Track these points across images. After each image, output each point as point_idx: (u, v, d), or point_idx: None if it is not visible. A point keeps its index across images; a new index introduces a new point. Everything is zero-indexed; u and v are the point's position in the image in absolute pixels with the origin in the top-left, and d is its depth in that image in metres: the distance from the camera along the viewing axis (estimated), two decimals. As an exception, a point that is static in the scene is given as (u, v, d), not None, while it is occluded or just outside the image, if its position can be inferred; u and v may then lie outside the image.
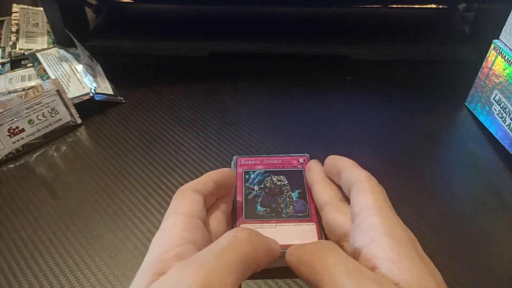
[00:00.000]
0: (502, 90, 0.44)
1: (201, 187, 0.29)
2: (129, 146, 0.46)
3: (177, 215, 0.26)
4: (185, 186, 0.29)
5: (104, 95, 0.50)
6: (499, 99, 0.45)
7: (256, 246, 0.23)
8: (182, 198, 0.27)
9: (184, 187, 0.29)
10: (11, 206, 0.40)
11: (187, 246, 0.23)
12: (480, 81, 0.48)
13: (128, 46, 0.60)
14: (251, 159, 0.39)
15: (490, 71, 0.46)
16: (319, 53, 0.59)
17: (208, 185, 0.29)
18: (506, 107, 0.44)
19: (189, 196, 0.27)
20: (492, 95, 0.46)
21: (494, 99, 0.46)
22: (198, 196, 0.28)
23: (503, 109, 0.44)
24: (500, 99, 0.45)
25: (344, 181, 0.29)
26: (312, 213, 0.34)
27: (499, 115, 0.45)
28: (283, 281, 0.33)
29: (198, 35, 0.61)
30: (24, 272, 0.34)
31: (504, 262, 0.35)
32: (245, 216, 0.34)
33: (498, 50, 0.44)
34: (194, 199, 0.27)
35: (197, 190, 0.28)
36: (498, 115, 0.45)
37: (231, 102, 0.52)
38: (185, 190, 0.28)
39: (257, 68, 0.58)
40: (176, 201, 0.27)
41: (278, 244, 0.27)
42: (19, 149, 0.45)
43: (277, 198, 0.36)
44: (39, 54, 0.54)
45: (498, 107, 0.45)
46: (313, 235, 0.33)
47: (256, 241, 0.24)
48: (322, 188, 0.32)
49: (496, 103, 0.45)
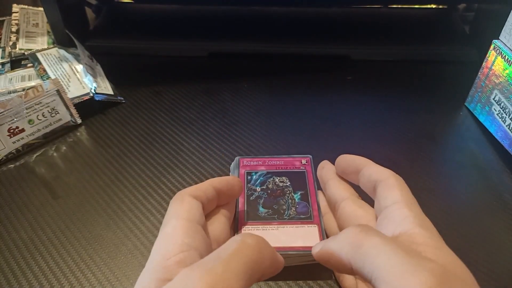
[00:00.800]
0: (502, 90, 0.44)
1: (199, 193, 0.28)
2: (129, 146, 0.46)
3: (177, 220, 0.25)
4: (183, 190, 0.28)
5: (104, 95, 0.50)
6: (499, 99, 0.45)
7: (263, 254, 0.23)
8: (180, 203, 0.27)
9: (182, 191, 0.28)
10: (11, 206, 0.40)
11: (190, 253, 0.23)
12: (480, 81, 0.48)
13: (128, 46, 0.60)
14: (254, 160, 0.39)
15: (490, 71, 0.46)
16: (319, 53, 0.59)
17: (207, 192, 0.29)
18: (506, 107, 0.44)
19: (187, 201, 0.27)
20: (492, 95, 0.46)
21: (494, 99, 0.46)
22: (196, 202, 0.27)
23: (503, 109, 0.44)
24: (500, 99, 0.45)
25: (366, 178, 0.30)
26: (314, 215, 0.34)
27: (499, 115, 0.45)
28: (284, 282, 0.33)
29: (198, 35, 0.61)
30: (24, 272, 0.34)
31: (503, 262, 0.35)
32: (246, 217, 0.34)
33: (498, 50, 0.44)
34: (192, 204, 0.27)
35: (195, 195, 0.28)
36: (498, 115, 0.45)
37: (231, 102, 0.52)
38: (183, 195, 0.28)
39: (257, 68, 0.58)
40: (174, 205, 0.27)
41: (282, 257, 0.26)
42: (19, 149, 0.45)
43: (279, 199, 0.35)
44: (39, 54, 0.54)
45: (498, 107, 0.45)
46: (315, 237, 0.33)
47: (264, 249, 0.23)
48: (339, 184, 0.33)
49: (496, 103, 0.45)
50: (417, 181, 0.42)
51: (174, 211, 0.27)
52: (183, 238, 0.24)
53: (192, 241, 0.24)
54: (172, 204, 0.27)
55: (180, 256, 0.23)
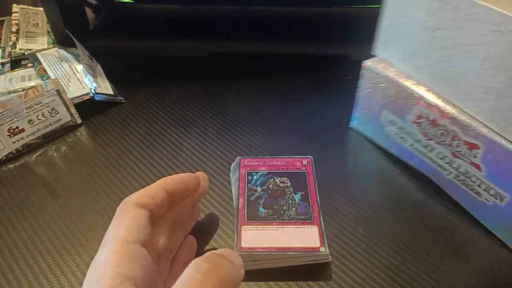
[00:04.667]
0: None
1: (147, 200, 0.27)
2: (129, 146, 0.46)
3: (113, 243, 0.24)
4: (128, 198, 0.27)
5: (104, 95, 0.50)
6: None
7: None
8: (122, 216, 0.26)
9: (128, 200, 0.27)
10: (11, 206, 0.40)
11: (122, 286, 0.22)
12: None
13: (128, 46, 0.60)
14: (254, 160, 0.39)
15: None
16: (319, 53, 0.59)
17: (156, 197, 0.27)
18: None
19: (130, 214, 0.26)
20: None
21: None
22: (140, 212, 0.26)
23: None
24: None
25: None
26: (315, 216, 0.34)
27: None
28: (284, 282, 0.33)
29: (198, 35, 0.61)
30: (24, 272, 0.34)
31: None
32: (246, 217, 0.34)
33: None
34: (135, 217, 0.25)
35: (141, 204, 0.26)
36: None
37: (231, 102, 0.52)
38: (127, 205, 0.26)
39: (257, 68, 0.58)
40: (115, 220, 0.26)
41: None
42: (19, 149, 0.45)
43: (280, 200, 0.36)
44: (39, 54, 0.54)
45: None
46: (315, 238, 0.33)
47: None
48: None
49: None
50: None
51: (114, 229, 0.25)
52: (116, 268, 0.22)
53: (125, 269, 0.23)
54: (115, 217, 0.26)
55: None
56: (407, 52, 0.39)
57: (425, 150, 0.40)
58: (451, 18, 0.33)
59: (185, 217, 0.33)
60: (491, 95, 0.33)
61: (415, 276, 0.34)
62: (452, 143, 0.37)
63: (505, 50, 0.30)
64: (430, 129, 0.38)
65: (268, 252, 0.32)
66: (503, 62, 0.31)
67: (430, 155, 0.40)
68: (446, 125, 0.37)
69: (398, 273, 0.34)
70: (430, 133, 0.38)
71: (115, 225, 0.25)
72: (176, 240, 0.32)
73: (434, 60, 0.36)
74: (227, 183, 0.42)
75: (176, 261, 0.32)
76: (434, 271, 0.34)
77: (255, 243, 0.32)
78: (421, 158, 0.41)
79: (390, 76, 0.40)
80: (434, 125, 0.38)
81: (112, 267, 0.22)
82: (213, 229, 0.37)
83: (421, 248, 0.36)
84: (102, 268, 0.23)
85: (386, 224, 0.38)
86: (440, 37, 0.35)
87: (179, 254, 0.32)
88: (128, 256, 0.23)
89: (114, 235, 0.25)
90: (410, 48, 0.38)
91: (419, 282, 0.33)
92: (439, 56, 0.36)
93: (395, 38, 0.39)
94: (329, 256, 0.33)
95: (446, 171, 0.39)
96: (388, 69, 0.41)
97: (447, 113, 0.36)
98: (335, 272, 0.34)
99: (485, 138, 0.34)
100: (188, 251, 0.33)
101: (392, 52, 0.40)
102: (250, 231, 0.33)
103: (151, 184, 0.28)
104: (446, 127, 0.37)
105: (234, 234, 0.34)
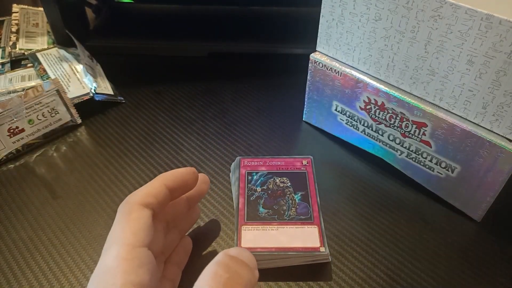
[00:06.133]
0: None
1: (150, 199, 0.26)
2: (129, 146, 0.46)
3: (120, 248, 0.23)
4: (131, 198, 0.26)
5: (104, 95, 0.50)
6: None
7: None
8: (126, 217, 0.25)
9: (131, 200, 0.26)
10: (11, 206, 0.40)
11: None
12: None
13: (128, 46, 0.60)
14: (254, 160, 0.39)
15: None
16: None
17: (159, 195, 0.27)
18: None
19: (134, 216, 0.25)
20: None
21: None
22: (145, 213, 0.25)
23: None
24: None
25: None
26: (315, 216, 0.34)
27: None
28: (284, 282, 0.33)
29: (198, 35, 0.61)
30: (24, 272, 0.34)
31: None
32: (246, 217, 0.34)
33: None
34: (141, 219, 0.25)
35: (145, 203, 0.26)
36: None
37: (231, 102, 0.52)
38: (131, 206, 0.25)
39: (257, 68, 0.58)
40: (119, 221, 0.25)
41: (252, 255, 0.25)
42: (19, 149, 0.45)
43: (280, 200, 0.36)
44: (39, 54, 0.54)
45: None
46: (315, 238, 0.33)
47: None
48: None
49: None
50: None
51: (119, 231, 0.24)
52: (125, 276, 0.22)
53: (136, 277, 0.22)
54: (118, 218, 0.25)
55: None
56: (351, 45, 0.40)
57: (377, 134, 0.42)
58: (391, 8, 0.35)
59: (180, 217, 0.33)
60: (437, 76, 0.35)
61: (415, 276, 0.34)
62: (401, 124, 0.39)
63: (446, 32, 0.32)
64: (379, 113, 0.40)
65: (268, 252, 0.32)
66: (445, 44, 0.33)
67: (381, 138, 0.41)
68: (394, 108, 0.39)
69: (398, 273, 0.34)
70: (379, 117, 0.40)
71: (120, 227, 0.25)
72: (171, 241, 0.32)
73: (379, 50, 0.38)
74: (227, 183, 0.42)
75: (169, 262, 0.31)
76: (433, 270, 0.34)
77: (255, 243, 0.32)
78: (374, 142, 0.43)
79: (337, 67, 0.42)
80: (382, 109, 0.40)
81: (122, 275, 0.22)
82: (214, 231, 0.37)
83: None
84: (111, 275, 0.22)
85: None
86: (381, 28, 0.36)
87: (173, 256, 0.32)
88: (138, 262, 0.23)
89: (121, 239, 0.24)
90: (354, 40, 0.39)
91: (419, 282, 0.33)
92: (383, 46, 0.37)
93: (337, 33, 0.40)
94: (329, 256, 0.33)
95: (398, 151, 0.41)
96: (334, 61, 0.42)
97: (394, 97, 0.38)
98: (335, 272, 0.34)
99: (432, 115, 0.36)
100: (182, 252, 0.33)
101: (337, 45, 0.41)
102: (250, 231, 0.33)
103: (152, 181, 0.28)
104: (394, 110, 0.39)
105: (234, 234, 0.34)
